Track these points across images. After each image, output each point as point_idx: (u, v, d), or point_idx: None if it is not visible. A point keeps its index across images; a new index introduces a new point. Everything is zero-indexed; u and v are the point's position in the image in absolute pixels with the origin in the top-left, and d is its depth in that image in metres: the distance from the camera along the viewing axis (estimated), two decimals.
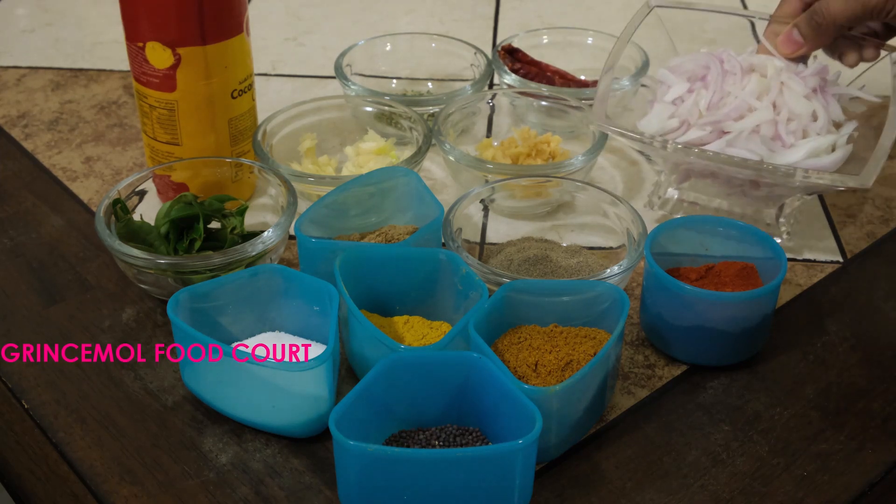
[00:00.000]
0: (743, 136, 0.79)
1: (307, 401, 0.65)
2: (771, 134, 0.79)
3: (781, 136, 0.79)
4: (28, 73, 1.11)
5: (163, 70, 0.81)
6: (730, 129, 0.79)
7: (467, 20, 1.24)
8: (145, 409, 0.70)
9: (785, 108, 0.79)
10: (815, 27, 0.80)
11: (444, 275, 0.72)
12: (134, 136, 1.00)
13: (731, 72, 0.82)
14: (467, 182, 0.87)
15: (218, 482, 0.65)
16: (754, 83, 0.81)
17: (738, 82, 0.81)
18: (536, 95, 0.97)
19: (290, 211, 0.78)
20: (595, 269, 0.79)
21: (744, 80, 0.82)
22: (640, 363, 0.74)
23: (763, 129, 0.79)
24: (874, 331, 0.78)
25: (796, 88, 0.81)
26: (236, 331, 0.71)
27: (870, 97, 0.82)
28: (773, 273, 0.72)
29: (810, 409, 0.71)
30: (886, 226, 0.89)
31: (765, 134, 0.79)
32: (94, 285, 0.80)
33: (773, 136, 0.79)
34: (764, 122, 0.79)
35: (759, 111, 0.79)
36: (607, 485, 0.65)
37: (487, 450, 0.59)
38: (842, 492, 0.65)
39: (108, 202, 0.78)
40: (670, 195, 0.84)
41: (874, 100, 0.82)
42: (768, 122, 0.79)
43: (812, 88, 0.81)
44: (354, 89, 0.97)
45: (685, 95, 0.83)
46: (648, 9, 0.90)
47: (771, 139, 0.79)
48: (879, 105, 0.81)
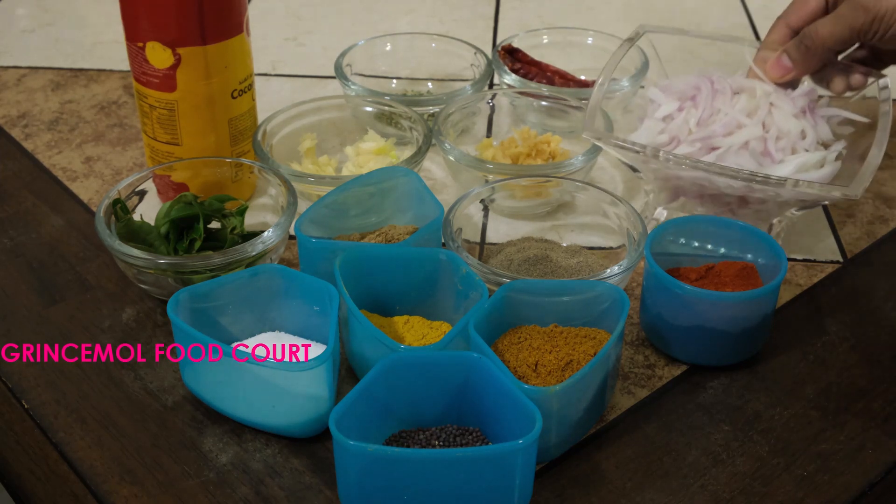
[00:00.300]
0: (732, 150, 0.80)
1: (307, 401, 0.65)
2: (760, 150, 0.80)
3: (771, 152, 0.80)
4: (28, 73, 1.11)
5: (163, 70, 0.81)
6: (719, 144, 0.80)
7: (467, 20, 1.24)
8: (145, 409, 0.70)
9: (774, 127, 0.81)
10: (804, 51, 0.82)
11: (444, 275, 0.72)
12: (134, 136, 1.00)
13: (721, 91, 0.84)
14: (467, 182, 0.87)
15: (218, 482, 0.65)
16: (744, 102, 0.82)
17: (728, 101, 0.83)
18: (536, 95, 0.97)
19: (290, 211, 0.78)
20: (595, 269, 0.79)
21: (733, 99, 0.83)
22: (640, 363, 0.74)
23: (752, 144, 0.80)
24: (874, 331, 0.78)
25: (785, 108, 0.82)
26: (236, 331, 0.71)
27: (858, 117, 0.83)
28: (773, 273, 0.73)
29: (810, 409, 0.71)
30: (886, 226, 0.89)
31: (754, 149, 0.79)
32: (94, 285, 0.80)
33: (762, 151, 0.80)
34: (753, 138, 0.80)
35: (748, 128, 0.81)
36: (607, 485, 0.65)
37: (487, 450, 0.59)
38: (842, 492, 0.65)
39: (108, 202, 0.78)
40: (659, 215, 0.84)
41: (862, 120, 0.83)
42: (758, 139, 0.80)
43: (801, 108, 0.82)
44: (354, 89, 0.97)
45: (675, 114, 0.84)
46: (639, 34, 0.91)
47: (761, 154, 0.80)
48: (867, 126, 0.82)
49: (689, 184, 0.80)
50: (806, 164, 0.79)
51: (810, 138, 0.81)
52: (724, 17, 1.26)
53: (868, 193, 0.93)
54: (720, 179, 0.77)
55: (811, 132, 0.81)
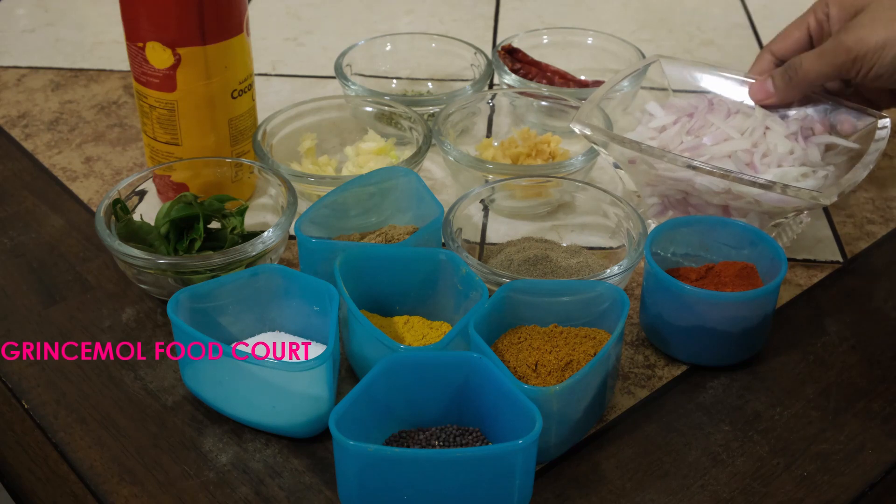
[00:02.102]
0: (716, 158, 0.80)
1: (307, 401, 0.65)
2: (746, 161, 0.80)
3: (755, 164, 0.80)
4: (28, 73, 1.11)
5: (163, 70, 0.81)
6: (706, 153, 0.80)
7: (467, 20, 1.24)
8: (145, 409, 0.70)
9: (763, 144, 0.81)
10: (787, 81, 0.84)
11: (444, 275, 0.72)
12: (134, 136, 1.00)
13: (719, 109, 0.85)
14: (467, 182, 0.87)
15: (218, 482, 0.65)
16: (738, 120, 0.83)
17: (722, 118, 0.84)
18: (536, 95, 0.97)
19: (290, 211, 0.78)
20: (595, 269, 0.79)
21: (730, 118, 0.84)
22: (640, 363, 0.74)
23: (738, 154, 0.80)
24: (874, 331, 0.78)
25: (779, 130, 0.82)
26: (236, 331, 0.71)
27: (849, 143, 0.83)
28: (773, 273, 0.73)
29: (810, 409, 0.71)
30: (886, 226, 0.89)
31: (739, 158, 0.80)
32: (94, 285, 0.80)
33: (747, 163, 0.80)
34: (740, 150, 0.80)
35: (736, 140, 0.81)
36: (607, 485, 0.65)
37: (487, 450, 0.59)
38: (842, 492, 0.65)
39: (108, 202, 0.78)
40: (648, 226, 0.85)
41: (853, 146, 0.83)
42: (744, 151, 0.80)
43: (793, 132, 0.83)
44: (354, 89, 0.97)
45: (669, 126, 0.84)
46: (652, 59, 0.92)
47: (745, 165, 0.80)
48: (857, 152, 0.82)
49: (673, 190, 0.81)
50: (786, 175, 0.79)
51: (797, 156, 0.81)
52: (724, 17, 1.26)
53: (868, 194, 0.93)
54: (700, 181, 0.77)
55: (799, 153, 0.81)
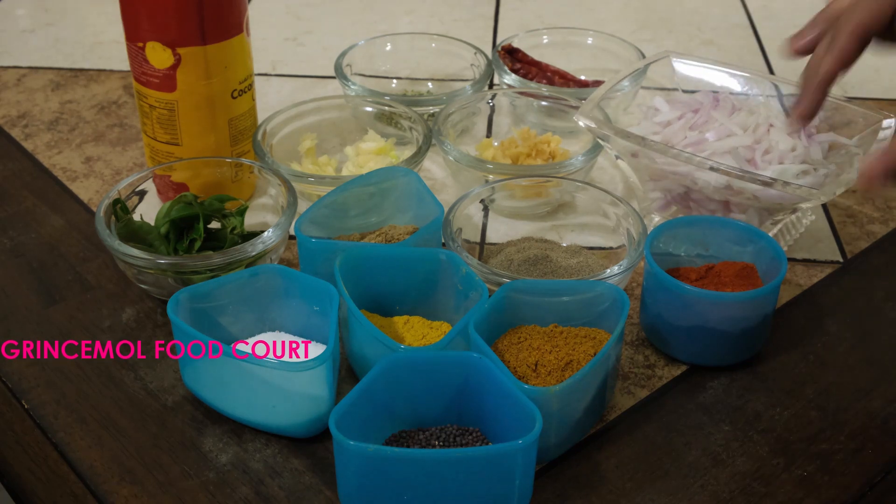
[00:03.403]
0: (718, 153, 0.80)
1: (307, 401, 0.65)
2: (747, 157, 0.80)
3: (756, 161, 0.80)
4: (28, 73, 1.11)
5: (163, 70, 0.81)
6: (708, 148, 0.80)
7: (467, 20, 1.24)
8: (145, 409, 0.70)
9: (766, 140, 0.81)
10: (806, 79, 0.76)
11: (444, 275, 0.72)
12: (134, 136, 1.00)
13: (723, 105, 0.84)
14: (467, 182, 0.87)
15: (218, 482, 0.65)
16: (742, 117, 0.83)
17: (726, 114, 0.84)
18: (536, 95, 0.97)
19: (290, 211, 0.78)
20: (595, 269, 0.79)
21: (734, 114, 0.84)
22: (640, 363, 0.74)
23: (740, 150, 0.80)
24: (874, 331, 0.78)
25: (782, 127, 0.82)
26: (236, 331, 0.71)
27: (852, 143, 0.82)
28: (773, 273, 0.73)
29: (810, 409, 0.71)
30: (886, 226, 0.89)
31: (740, 154, 0.80)
32: (94, 285, 0.80)
33: (748, 159, 0.80)
34: (742, 146, 0.80)
35: (738, 136, 0.81)
36: (607, 485, 0.65)
37: (487, 450, 0.59)
38: (842, 492, 0.65)
39: (108, 202, 0.78)
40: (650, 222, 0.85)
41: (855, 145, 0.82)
42: (746, 147, 0.80)
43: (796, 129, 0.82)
44: (354, 89, 0.97)
45: (673, 121, 0.84)
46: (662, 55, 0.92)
47: (746, 161, 0.80)
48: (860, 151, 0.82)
49: (675, 185, 0.81)
50: (785, 172, 0.79)
51: (798, 154, 0.81)
52: (724, 17, 1.26)
53: (868, 193, 0.93)
54: (701, 176, 0.77)
55: (801, 150, 0.81)
